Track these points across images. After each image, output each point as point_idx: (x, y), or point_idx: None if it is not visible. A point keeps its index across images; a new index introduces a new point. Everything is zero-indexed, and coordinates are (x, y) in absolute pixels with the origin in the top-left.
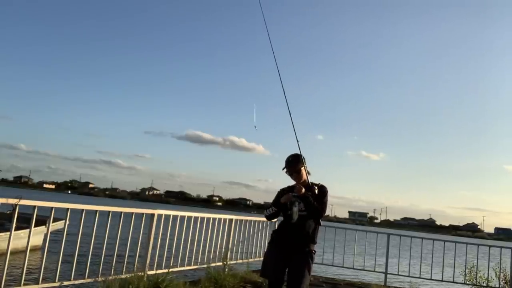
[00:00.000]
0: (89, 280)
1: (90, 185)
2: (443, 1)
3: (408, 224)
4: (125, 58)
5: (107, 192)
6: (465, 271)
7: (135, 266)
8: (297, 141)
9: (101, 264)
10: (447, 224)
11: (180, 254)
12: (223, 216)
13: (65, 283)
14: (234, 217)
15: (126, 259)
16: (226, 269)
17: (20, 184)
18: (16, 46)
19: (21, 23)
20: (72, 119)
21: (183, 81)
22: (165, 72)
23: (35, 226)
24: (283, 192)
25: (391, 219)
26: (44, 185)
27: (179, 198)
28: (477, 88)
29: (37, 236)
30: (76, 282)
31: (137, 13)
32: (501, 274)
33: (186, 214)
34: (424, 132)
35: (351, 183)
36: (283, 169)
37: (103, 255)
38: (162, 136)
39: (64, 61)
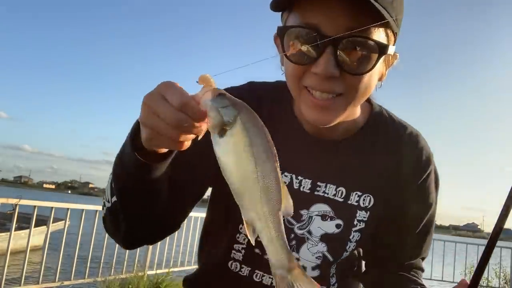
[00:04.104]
0: (89, 280)
1: (90, 185)
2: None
3: None
4: (138, 61)
5: None
6: (465, 271)
7: (135, 266)
8: None
9: (101, 264)
10: (447, 224)
11: (180, 254)
12: None
13: (65, 283)
14: None
15: (126, 259)
16: None
17: (20, 184)
18: (26, 50)
19: (30, 27)
20: (81, 123)
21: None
22: (176, 72)
23: (37, 226)
24: None
25: None
26: (44, 185)
27: None
28: (479, 90)
29: (38, 236)
30: (76, 282)
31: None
32: (501, 274)
33: None
34: (426, 133)
35: None
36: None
37: (103, 255)
38: None
39: (74, 64)
